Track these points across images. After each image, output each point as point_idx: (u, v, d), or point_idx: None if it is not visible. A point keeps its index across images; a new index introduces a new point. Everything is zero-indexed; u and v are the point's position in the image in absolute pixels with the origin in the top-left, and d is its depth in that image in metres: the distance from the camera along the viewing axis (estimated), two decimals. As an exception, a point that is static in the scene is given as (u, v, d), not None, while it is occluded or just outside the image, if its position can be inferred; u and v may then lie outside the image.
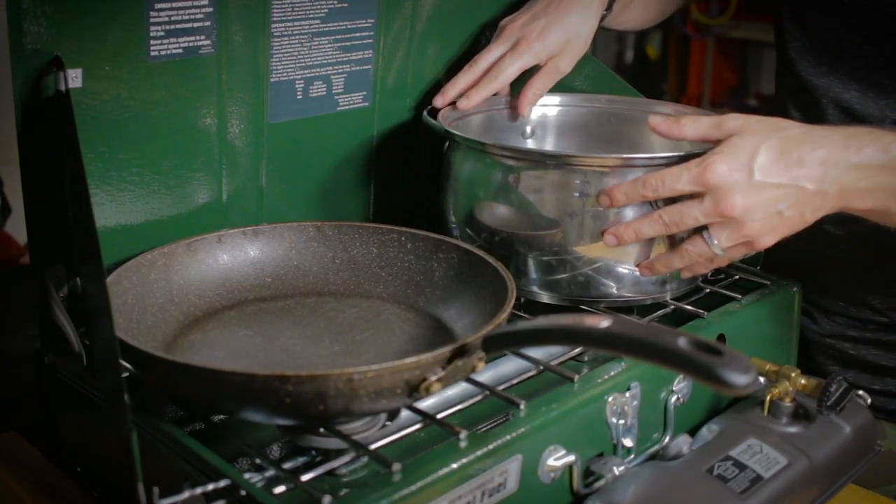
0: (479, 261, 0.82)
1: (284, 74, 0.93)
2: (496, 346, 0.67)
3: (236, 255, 0.88)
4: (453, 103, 1.01)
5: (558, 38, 0.99)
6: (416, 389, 0.65)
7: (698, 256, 0.82)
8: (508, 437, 0.68)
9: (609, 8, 1.04)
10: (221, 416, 0.75)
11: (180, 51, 0.83)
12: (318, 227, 0.90)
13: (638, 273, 0.87)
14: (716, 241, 0.80)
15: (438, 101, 1.01)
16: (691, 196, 0.80)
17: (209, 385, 0.64)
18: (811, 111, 1.04)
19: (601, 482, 0.74)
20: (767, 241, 0.80)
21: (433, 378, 0.65)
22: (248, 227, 0.89)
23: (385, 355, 0.76)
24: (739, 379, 0.51)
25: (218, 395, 0.65)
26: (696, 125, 0.83)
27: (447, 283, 0.85)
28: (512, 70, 0.99)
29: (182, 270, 0.84)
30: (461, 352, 0.66)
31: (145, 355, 0.66)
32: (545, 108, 1.10)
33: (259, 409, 0.65)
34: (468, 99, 1.00)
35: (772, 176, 0.77)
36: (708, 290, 0.95)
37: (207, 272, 0.85)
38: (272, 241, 0.89)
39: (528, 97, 1.02)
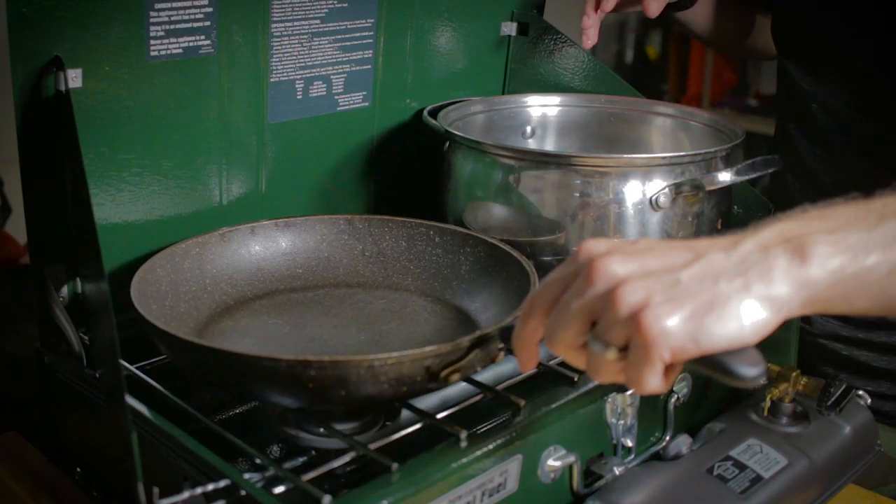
0: (505, 255, 0.84)
1: (284, 74, 0.93)
2: None
3: (268, 245, 0.89)
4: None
5: None
6: (435, 378, 0.66)
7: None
8: (508, 437, 0.68)
9: None
10: (221, 416, 0.75)
11: (180, 51, 0.83)
12: (348, 220, 0.92)
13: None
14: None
15: (584, 19, 1.02)
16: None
17: (236, 369, 0.66)
18: (802, 114, 1.05)
19: (601, 482, 0.74)
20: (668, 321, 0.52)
21: (453, 367, 0.66)
22: (280, 219, 0.90)
23: (409, 345, 0.78)
24: (749, 371, 0.51)
25: (245, 379, 0.67)
26: None
27: (473, 277, 0.86)
28: None
29: (215, 260, 0.85)
30: (480, 342, 0.67)
31: (177, 340, 0.68)
32: (545, 108, 1.10)
33: (283, 393, 0.67)
34: (607, 1, 1.01)
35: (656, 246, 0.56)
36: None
37: (240, 262, 0.87)
38: (304, 233, 0.91)
39: None
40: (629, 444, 0.78)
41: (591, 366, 0.55)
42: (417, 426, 0.71)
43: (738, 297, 0.52)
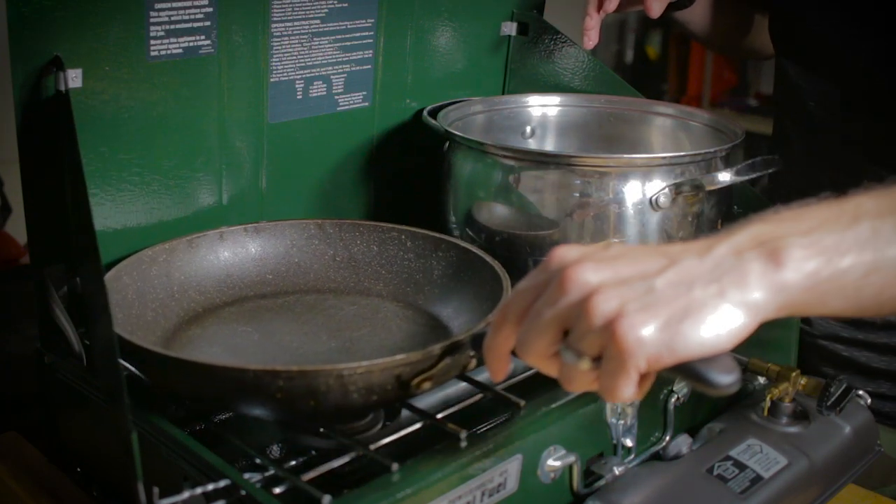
0: (478, 259, 0.83)
1: (284, 74, 0.93)
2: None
3: (237, 251, 0.88)
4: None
5: None
6: (406, 386, 0.65)
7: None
8: (508, 437, 0.68)
9: None
10: (221, 416, 0.75)
11: (180, 51, 0.83)
12: (319, 224, 0.91)
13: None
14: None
15: (586, 19, 1.01)
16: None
17: (202, 380, 0.65)
18: (799, 113, 1.05)
19: (601, 482, 0.74)
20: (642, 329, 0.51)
21: (424, 375, 0.65)
22: (249, 224, 0.89)
23: (380, 352, 0.77)
24: (724, 378, 0.51)
25: (211, 390, 0.66)
26: None
27: (446, 282, 0.85)
28: None
29: (183, 266, 0.84)
30: (452, 349, 0.67)
31: (142, 350, 0.67)
32: (545, 108, 1.10)
33: (251, 404, 0.66)
34: (609, 1, 1.00)
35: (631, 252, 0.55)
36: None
37: (209, 268, 0.86)
38: (273, 238, 0.90)
39: None
40: (629, 444, 0.78)
41: (564, 375, 0.54)
42: (417, 426, 0.71)
43: (713, 304, 0.51)
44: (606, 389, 0.52)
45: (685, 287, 0.51)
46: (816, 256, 0.53)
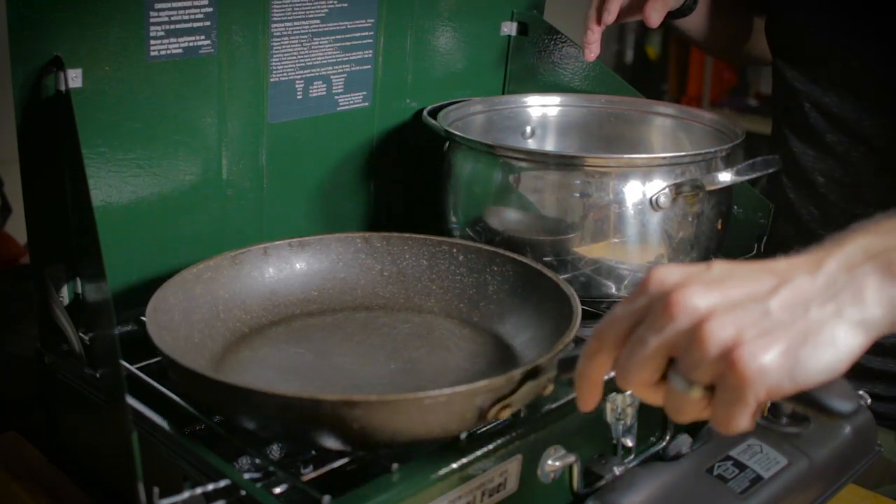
0: (537, 274, 0.80)
1: (284, 74, 0.93)
2: (572, 368, 0.57)
3: (282, 267, 0.85)
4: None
5: None
6: (484, 416, 0.63)
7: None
8: (508, 437, 0.68)
9: None
10: (221, 416, 0.75)
11: (180, 51, 0.83)
12: (365, 238, 0.88)
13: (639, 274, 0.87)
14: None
15: (587, 33, 1.01)
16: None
17: (272, 410, 0.62)
18: (796, 114, 1.05)
19: (601, 482, 0.74)
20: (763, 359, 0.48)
21: (503, 402, 0.63)
22: (293, 239, 0.86)
23: (444, 374, 0.74)
24: (844, 406, 0.48)
25: (280, 421, 0.63)
26: None
27: (502, 298, 0.82)
28: None
29: (227, 284, 0.81)
30: (533, 374, 0.65)
31: (204, 379, 0.64)
32: (545, 108, 1.10)
33: (325, 436, 0.62)
34: (609, 13, 1.00)
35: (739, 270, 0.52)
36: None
37: (253, 286, 0.83)
38: (319, 253, 0.86)
39: (654, 5, 1.01)
40: (629, 444, 0.78)
41: (672, 404, 0.51)
42: (417, 426, 0.70)
43: (831, 325, 0.48)
44: (721, 420, 0.49)
45: (801, 308, 0.48)
46: None
